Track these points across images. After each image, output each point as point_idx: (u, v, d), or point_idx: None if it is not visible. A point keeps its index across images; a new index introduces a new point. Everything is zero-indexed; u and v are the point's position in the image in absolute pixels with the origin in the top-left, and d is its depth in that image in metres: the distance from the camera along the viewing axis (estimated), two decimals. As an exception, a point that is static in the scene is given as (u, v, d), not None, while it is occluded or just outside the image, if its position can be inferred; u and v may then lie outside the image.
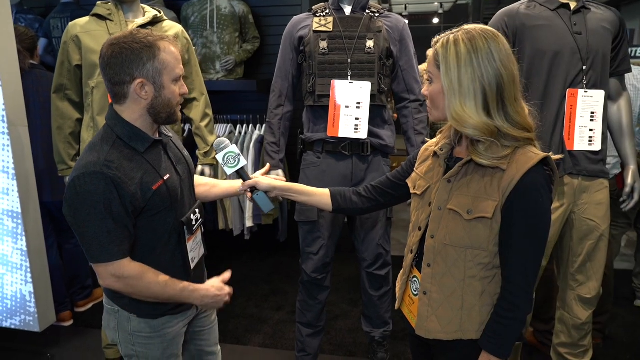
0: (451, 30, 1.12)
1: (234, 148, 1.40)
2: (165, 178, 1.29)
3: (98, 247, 1.19)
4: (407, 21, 2.08)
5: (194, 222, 1.39)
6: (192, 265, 1.40)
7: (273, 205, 1.42)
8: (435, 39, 1.14)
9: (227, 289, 1.40)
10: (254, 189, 1.42)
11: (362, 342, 2.58)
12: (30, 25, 3.39)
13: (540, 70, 1.80)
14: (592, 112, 1.80)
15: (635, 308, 2.91)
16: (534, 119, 1.13)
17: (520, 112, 1.10)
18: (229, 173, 1.41)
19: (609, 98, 1.91)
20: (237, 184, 1.55)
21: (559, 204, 1.83)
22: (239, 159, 1.40)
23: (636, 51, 3.27)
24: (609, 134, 1.95)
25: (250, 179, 1.42)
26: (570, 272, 1.92)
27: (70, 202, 1.18)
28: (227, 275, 1.43)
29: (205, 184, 1.58)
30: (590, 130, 1.81)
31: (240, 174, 1.42)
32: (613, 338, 2.60)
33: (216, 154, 1.40)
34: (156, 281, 1.26)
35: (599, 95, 1.80)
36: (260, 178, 1.43)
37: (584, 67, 1.77)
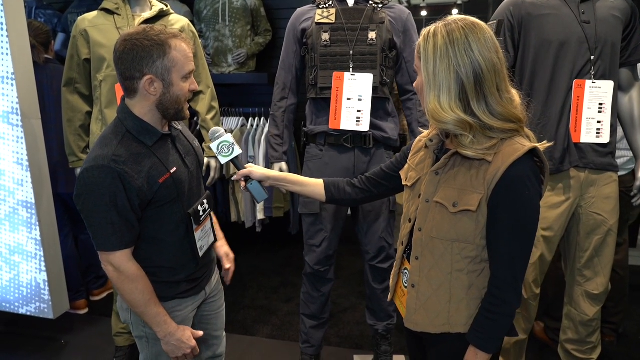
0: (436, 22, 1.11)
1: (228, 137, 1.41)
2: (172, 171, 1.32)
3: (102, 236, 1.25)
4: (421, 11, 2.04)
5: (201, 213, 1.42)
6: (201, 254, 1.44)
7: (267, 195, 1.43)
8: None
9: (194, 345, 1.38)
10: (248, 178, 1.43)
11: (369, 335, 2.58)
12: (49, 21, 3.48)
13: (546, 60, 1.75)
14: (601, 104, 1.75)
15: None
16: (524, 109, 1.11)
17: (504, 103, 1.07)
18: (223, 162, 1.42)
19: (620, 89, 1.85)
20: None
21: (564, 198, 1.79)
22: (233, 148, 1.41)
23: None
24: (619, 126, 1.89)
25: (244, 168, 1.43)
26: (577, 268, 1.87)
27: (80, 192, 1.24)
28: (200, 333, 1.43)
29: None
30: (598, 122, 1.76)
31: (235, 163, 1.43)
32: (627, 335, 2.53)
33: (210, 142, 1.42)
34: (142, 292, 1.30)
35: (607, 86, 1.74)
36: (254, 167, 1.44)
37: (592, 57, 1.72)
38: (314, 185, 1.44)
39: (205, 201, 1.45)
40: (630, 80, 1.87)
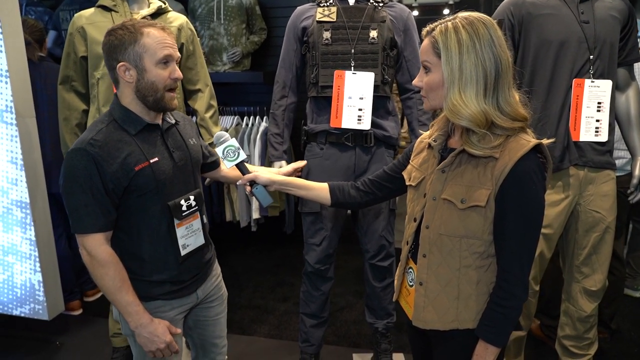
0: (444, 18, 1.11)
1: (233, 142, 1.41)
2: (151, 161, 1.32)
3: (76, 218, 1.27)
4: (412, 11, 2.05)
5: (184, 207, 1.40)
6: (183, 252, 1.40)
7: (272, 199, 1.42)
8: (428, 28, 1.13)
9: (169, 340, 1.35)
10: (253, 182, 1.42)
11: (366, 334, 2.58)
12: (39, 18, 3.42)
13: (546, 59, 1.77)
14: (599, 103, 1.77)
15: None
16: (525, 107, 1.12)
17: (511, 101, 1.09)
18: (228, 167, 1.42)
19: (617, 88, 1.87)
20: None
21: (564, 196, 1.81)
22: (238, 153, 1.40)
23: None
24: (617, 125, 1.91)
25: (249, 172, 1.42)
26: (575, 265, 1.90)
27: (62, 174, 1.28)
28: (179, 330, 1.41)
29: None
30: (597, 120, 1.78)
31: (240, 167, 1.42)
32: (620, 332, 2.57)
33: (215, 147, 1.41)
34: (112, 278, 1.29)
35: (606, 85, 1.77)
36: (260, 171, 1.43)
37: (591, 57, 1.74)
38: (319, 189, 1.44)
39: (192, 197, 1.43)
40: (627, 80, 1.90)
